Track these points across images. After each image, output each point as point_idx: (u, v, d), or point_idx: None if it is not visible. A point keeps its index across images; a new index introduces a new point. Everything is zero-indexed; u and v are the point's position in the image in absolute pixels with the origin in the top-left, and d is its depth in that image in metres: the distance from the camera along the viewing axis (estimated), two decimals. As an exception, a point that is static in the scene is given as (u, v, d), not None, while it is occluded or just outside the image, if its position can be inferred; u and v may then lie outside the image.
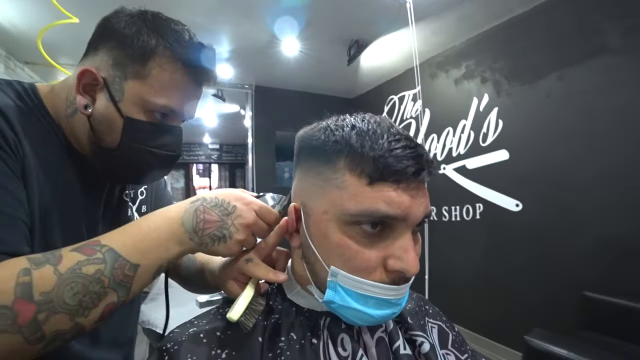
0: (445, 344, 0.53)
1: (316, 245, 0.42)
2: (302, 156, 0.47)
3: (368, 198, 0.38)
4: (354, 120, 0.43)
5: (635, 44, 1.61)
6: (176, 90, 0.53)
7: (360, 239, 0.40)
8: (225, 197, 0.48)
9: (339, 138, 0.41)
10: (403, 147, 0.39)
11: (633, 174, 1.64)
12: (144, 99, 0.51)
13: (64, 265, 0.38)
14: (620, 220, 1.68)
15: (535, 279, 2.03)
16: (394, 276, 0.40)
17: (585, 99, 1.80)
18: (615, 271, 1.69)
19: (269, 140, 3.47)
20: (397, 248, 0.39)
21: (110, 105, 0.51)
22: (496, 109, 2.27)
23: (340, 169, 0.40)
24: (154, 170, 0.58)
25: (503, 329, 2.06)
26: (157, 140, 0.54)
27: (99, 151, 0.54)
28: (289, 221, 0.46)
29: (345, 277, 0.40)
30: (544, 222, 1.98)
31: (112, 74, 0.51)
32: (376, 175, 0.38)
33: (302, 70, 2.94)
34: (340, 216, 0.39)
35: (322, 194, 0.41)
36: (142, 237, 0.43)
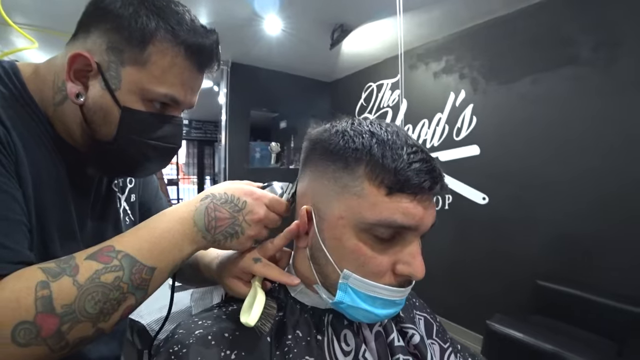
0: (430, 334, 0.58)
1: (329, 248, 0.44)
2: (315, 157, 0.47)
3: (387, 208, 0.40)
4: (372, 128, 0.44)
5: (603, 58, 1.74)
6: (178, 77, 0.49)
7: (373, 245, 0.42)
8: (234, 192, 0.48)
9: (359, 146, 0.42)
10: (420, 160, 0.41)
11: (587, 179, 1.80)
12: (143, 87, 0.47)
13: (82, 275, 0.38)
14: (571, 220, 1.86)
15: (496, 268, 2.20)
16: (402, 279, 0.44)
17: (555, 104, 1.92)
18: (564, 263, 1.88)
19: (243, 119, 3.39)
20: (407, 254, 0.42)
21: (106, 93, 0.46)
22: (472, 105, 2.36)
23: (359, 176, 0.41)
24: (153, 163, 0.55)
25: (467, 314, 2.24)
26: (156, 132, 0.51)
27: (93, 144, 0.50)
28: (301, 224, 0.47)
29: (357, 280, 0.42)
30: (507, 216, 2.13)
31: (107, 60, 0.46)
32: (395, 187, 0.40)
33: (283, 50, 2.86)
34: (357, 223, 0.41)
35: (338, 199, 0.43)
36: (156, 240, 0.43)
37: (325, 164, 0.45)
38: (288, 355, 0.43)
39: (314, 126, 0.52)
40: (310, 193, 0.47)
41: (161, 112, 0.51)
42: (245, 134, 3.41)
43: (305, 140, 0.51)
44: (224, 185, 0.50)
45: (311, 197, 0.47)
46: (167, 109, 0.51)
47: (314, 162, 0.47)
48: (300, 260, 0.51)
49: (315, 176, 0.46)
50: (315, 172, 0.46)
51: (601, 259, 1.75)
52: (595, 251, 1.77)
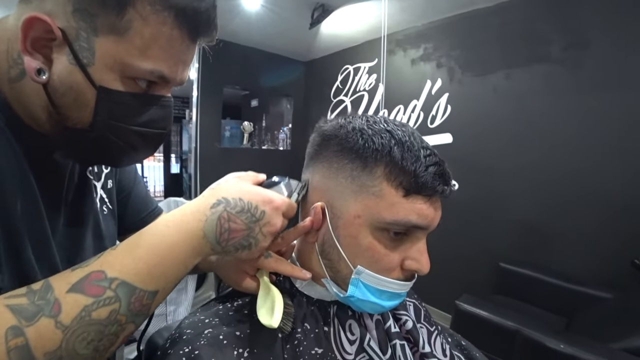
0: (419, 318, 0.61)
1: (343, 245, 0.45)
2: (328, 153, 0.47)
3: (403, 209, 0.42)
4: (389, 127, 0.45)
5: (572, 58, 1.85)
6: (166, 49, 0.39)
7: (387, 242, 0.44)
8: (251, 199, 0.42)
9: (379, 146, 0.43)
10: (435, 164, 0.43)
11: (547, 170, 1.95)
12: (124, 62, 0.37)
13: (66, 314, 0.31)
14: (532, 207, 2.01)
15: (464, 252, 2.34)
16: (408, 274, 0.47)
17: (525, 98, 2.03)
18: (523, 248, 2.04)
19: (216, 96, 3.25)
20: (415, 251, 0.45)
21: (76, 70, 0.37)
22: (447, 94, 2.42)
23: (378, 177, 0.43)
24: (139, 152, 0.45)
25: (437, 295, 2.37)
26: (142, 116, 0.42)
27: (64, 132, 0.40)
28: (315, 221, 0.47)
29: (370, 275, 0.45)
30: (474, 203, 2.26)
31: (74, 26, 0.36)
32: (412, 189, 0.42)
33: (261, 26, 2.75)
34: (374, 222, 0.43)
35: (355, 198, 0.44)
36: (158, 260, 0.37)
37: (342, 162, 0.45)
38: (299, 348, 0.45)
39: (324, 119, 0.52)
40: (324, 189, 0.47)
41: (146, 92, 0.42)
42: (217, 111, 3.28)
43: (315, 134, 0.51)
44: (235, 185, 0.44)
45: (325, 193, 0.47)
46: (154, 88, 0.42)
47: (328, 158, 0.47)
48: (307, 255, 0.52)
49: (330, 173, 0.46)
50: (330, 169, 0.47)
51: (554, 244, 1.92)
52: (552, 239, 1.94)
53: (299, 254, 0.54)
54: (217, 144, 3.30)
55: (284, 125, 3.96)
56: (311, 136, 0.52)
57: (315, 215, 0.47)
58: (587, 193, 1.80)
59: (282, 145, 3.90)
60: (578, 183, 1.83)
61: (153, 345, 0.56)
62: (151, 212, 0.68)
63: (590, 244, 1.80)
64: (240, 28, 2.81)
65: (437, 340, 0.59)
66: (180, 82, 0.44)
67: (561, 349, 1.16)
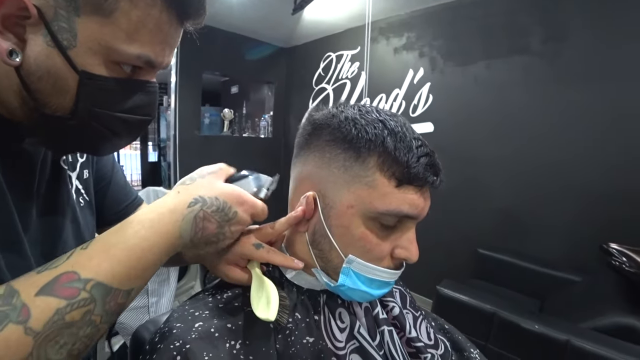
0: (405, 304, 0.63)
1: (335, 235, 0.46)
2: (320, 142, 0.47)
3: (396, 199, 0.43)
4: (382, 117, 0.45)
5: (550, 50, 1.89)
6: (154, 33, 0.37)
7: (378, 232, 0.45)
8: (227, 199, 0.43)
9: (372, 137, 0.43)
10: (426, 155, 0.44)
11: (524, 159, 2.02)
12: (109, 45, 0.35)
13: (36, 319, 0.29)
14: (510, 195, 2.09)
15: (444, 238, 2.40)
16: (398, 262, 0.48)
17: (505, 89, 2.07)
18: (500, 234, 2.11)
19: (195, 83, 3.16)
20: (405, 240, 0.46)
21: (55, 53, 0.33)
22: (429, 83, 2.44)
23: (371, 167, 0.43)
24: (122, 139, 0.43)
25: (419, 281, 2.43)
26: (127, 102, 0.40)
27: (41, 119, 0.37)
28: (307, 211, 0.47)
29: (361, 264, 0.45)
30: (454, 191, 2.31)
31: (52, 4, 0.32)
32: (405, 179, 0.43)
33: (242, 10, 2.67)
34: (366, 212, 0.44)
35: (348, 188, 0.44)
36: (135, 261, 0.36)
37: (335, 152, 0.45)
38: (290, 338, 0.45)
39: (315, 108, 0.51)
40: (315, 179, 0.47)
41: (131, 77, 0.39)
42: (196, 98, 3.19)
43: (305, 122, 0.50)
44: (210, 183, 0.44)
45: (316, 183, 0.47)
46: (139, 73, 0.40)
47: (320, 148, 0.47)
48: (297, 245, 0.51)
49: (322, 163, 0.46)
50: (322, 159, 0.46)
51: (530, 231, 2.01)
52: (528, 226, 2.02)
53: (288, 243, 0.54)
54: (197, 131, 3.21)
55: (265, 112, 3.90)
56: (301, 124, 0.51)
57: (307, 205, 0.47)
58: (562, 183, 1.88)
59: (264, 133, 3.85)
60: (554, 173, 1.91)
61: (140, 339, 0.55)
62: (131, 203, 0.65)
63: (563, 231, 1.89)
64: (222, 12, 2.72)
65: (422, 325, 0.61)
66: (166, 66, 0.42)
67: (535, 329, 1.22)
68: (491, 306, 1.37)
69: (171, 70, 3.01)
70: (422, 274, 2.46)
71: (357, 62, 2.95)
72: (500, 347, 1.33)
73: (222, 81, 4.65)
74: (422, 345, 0.54)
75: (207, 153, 3.22)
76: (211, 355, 0.39)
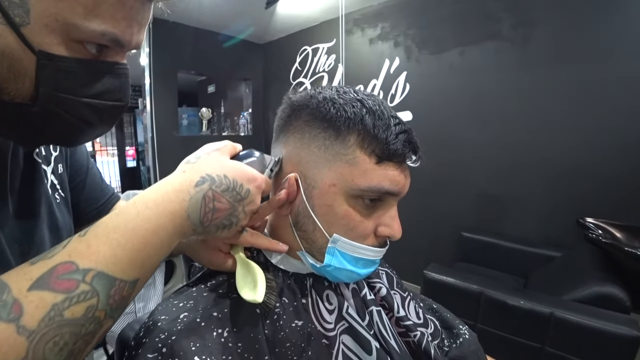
0: (392, 285, 0.64)
1: (318, 215, 0.46)
2: (299, 123, 0.47)
3: (376, 176, 0.43)
4: (359, 96, 0.46)
5: (520, 35, 1.94)
6: (118, 7, 0.33)
7: (361, 210, 0.45)
8: (236, 177, 0.40)
9: (351, 115, 0.44)
10: (404, 132, 0.45)
11: (500, 141, 2.07)
12: (67, 21, 0.31)
13: (30, 316, 0.26)
14: (489, 178, 2.14)
15: (428, 224, 2.44)
16: (382, 240, 0.48)
17: (478, 74, 2.11)
18: (483, 216, 2.16)
19: (170, 83, 3.08)
20: (388, 217, 0.47)
21: (7, 31, 0.29)
22: (405, 72, 2.46)
23: (351, 145, 0.43)
24: (95, 128, 0.39)
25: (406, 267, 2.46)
26: (94, 86, 0.36)
27: (1, 107, 0.33)
28: (289, 192, 0.47)
29: (346, 243, 0.45)
30: (435, 177, 2.35)
31: None
32: (384, 156, 0.43)
33: (213, 6, 2.62)
34: (349, 190, 0.44)
35: (329, 167, 0.44)
36: (140, 246, 0.33)
37: (315, 131, 0.45)
38: (278, 323, 0.44)
39: (293, 91, 0.51)
40: (296, 160, 0.47)
41: (97, 58, 0.35)
42: (172, 98, 3.11)
43: (284, 105, 0.50)
44: (217, 160, 0.41)
45: (297, 164, 0.46)
46: (106, 53, 0.36)
47: (299, 129, 0.46)
48: (281, 228, 0.51)
49: (302, 143, 0.46)
50: (302, 139, 0.46)
51: (510, 211, 2.06)
52: (508, 206, 2.07)
53: (271, 228, 0.54)
54: (175, 132, 3.15)
55: (243, 110, 3.86)
56: (279, 109, 0.51)
57: (289, 187, 0.46)
58: (536, 162, 1.94)
59: (243, 131, 3.80)
60: (528, 153, 1.97)
61: (125, 339, 0.53)
62: (109, 199, 0.62)
63: (541, 209, 1.95)
64: (192, 8, 2.66)
65: (410, 305, 0.61)
66: (136, 46, 0.38)
67: (521, 304, 1.26)
68: (478, 286, 1.40)
69: (144, 71, 2.93)
70: (409, 261, 2.50)
71: (333, 54, 2.94)
72: (489, 325, 1.37)
73: (198, 81, 4.57)
74: (412, 323, 0.55)
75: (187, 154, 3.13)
76: (198, 345, 0.38)
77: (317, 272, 0.49)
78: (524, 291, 1.47)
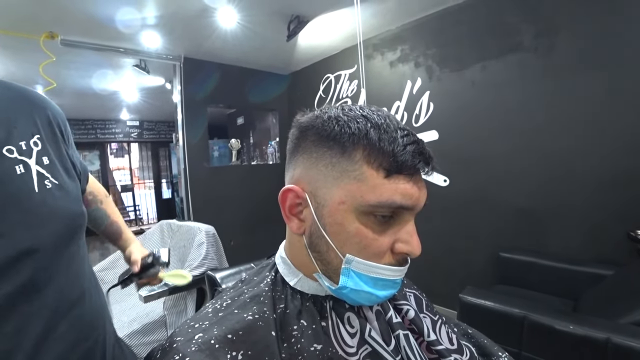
0: (421, 308, 0.60)
1: (330, 234, 0.44)
2: (307, 144, 0.47)
3: (386, 190, 0.42)
4: (364, 112, 0.45)
5: (542, 44, 1.89)
6: None
7: (374, 227, 0.43)
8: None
9: (355, 130, 0.43)
10: (413, 142, 0.43)
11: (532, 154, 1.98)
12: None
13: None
14: (523, 193, 2.02)
15: (462, 245, 2.33)
16: (400, 258, 0.45)
17: (502, 88, 2.07)
18: (522, 235, 2.04)
19: (200, 117, 3.25)
20: (404, 233, 0.44)
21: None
22: (428, 92, 2.45)
23: (357, 161, 0.42)
24: None
25: (440, 291, 2.35)
26: None
27: None
28: (284, 201, 0.48)
29: (360, 263, 0.43)
30: (467, 196, 2.27)
31: None
32: (393, 169, 0.42)
33: (237, 43, 2.77)
34: (359, 207, 0.42)
35: (338, 184, 0.43)
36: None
37: (321, 150, 0.45)
38: (296, 346, 0.43)
39: (301, 113, 0.51)
40: (305, 180, 0.47)
41: None
42: (203, 131, 3.28)
43: (293, 128, 0.51)
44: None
45: (307, 183, 0.46)
46: None
47: (307, 149, 0.47)
48: (297, 249, 0.50)
49: (310, 163, 0.46)
50: (310, 159, 0.46)
51: (550, 227, 1.93)
52: (548, 222, 1.94)
53: (289, 248, 0.53)
54: (206, 163, 3.28)
55: (271, 139, 3.97)
56: (289, 132, 0.52)
57: (289, 201, 0.48)
58: (571, 173, 1.83)
59: (272, 160, 3.90)
60: (562, 164, 1.86)
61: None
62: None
63: (583, 223, 1.81)
64: (217, 46, 2.83)
65: (442, 329, 0.58)
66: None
67: (570, 329, 1.15)
68: (519, 310, 1.30)
69: (176, 107, 3.11)
70: (443, 284, 2.38)
71: (355, 80, 3.00)
72: (535, 353, 1.25)
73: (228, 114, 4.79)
74: (444, 349, 0.51)
75: (217, 183, 3.27)
76: None
77: (335, 295, 0.48)
78: (573, 315, 1.34)
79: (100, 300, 0.66)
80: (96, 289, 0.66)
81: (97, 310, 0.63)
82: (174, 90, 3.14)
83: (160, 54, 2.92)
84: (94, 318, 0.61)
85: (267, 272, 0.54)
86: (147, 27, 2.43)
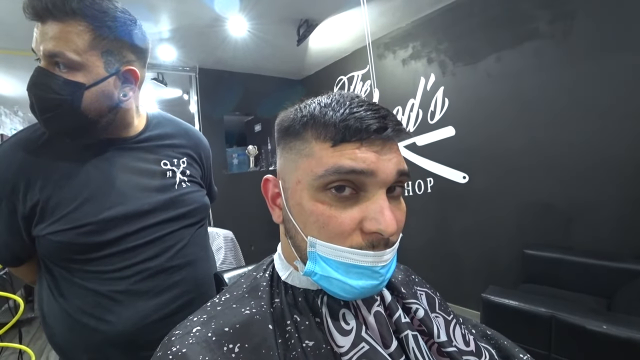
0: (433, 308, 0.57)
1: (294, 216, 0.44)
2: (279, 137, 0.49)
3: (332, 157, 0.40)
4: (320, 98, 0.46)
5: (559, 30, 1.81)
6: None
7: (333, 203, 0.41)
8: None
9: (305, 113, 0.44)
10: (365, 109, 0.41)
11: (553, 144, 1.88)
12: None
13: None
14: (549, 188, 1.92)
15: (484, 243, 2.25)
16: (372, 239, 0.40)
17: (519, 77, 1.99)
18: (547, 231, 1.94)
19: (217, 126, 3.32)
20: (372, 209, 0.40)
21: None
22: (442, 88, 2.40)
23: (307, 139, 0.43)
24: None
25: (461, 291, 2.28)
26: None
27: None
28: (266, 192, 0.50)
29: (323, 245, 0.41)
30: (487, 191, 2.19)
31: None
32: (338, 137, 0.40)
33: (249, 51, 2.82)
34: (312, 182, 0.41)
35: (295, 166, 0.44)
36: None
37: (286, 140, 0.47)
38: (290, 342, 0.42)
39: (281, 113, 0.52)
40: (280, 170, 0.48)
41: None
42: (220, 139, 3.36)
43: (274, 127, 0.52)
44: None
45: (280, 173, 0.48)
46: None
47: (279, 142, 0.49)
48: (282, 239, 0.51)
49: (280, 154, 0.48)
50: (281, 151, 0.48)
51: (577, 221, 1.82)
52: (575, 216, 1.84)
53: (281, 242, 0.53)
54: (225, 170, 3.34)
55: (288, 144, 3.99)
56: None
57: (270, 190, 0.50)
58: (599, 161, 1.72)
59: (289, 164, 3.91)
60: (588, 152, 1.76)
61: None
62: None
63: (614, 215, 1.69)
64: (229, 55, 2.89)
65: (456, 330, 0.55)
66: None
67: (604, 329, 1.07)
68: (547, 309, 1.23)
69: (194, 117, 3.19)
70: (464, 284, 2.29)
71: (368, 80, 2.98)
72: (565, 355, 1.18)
73: (246, 122, 4.86)
74: (455, 351, 0.48)
75: (236, 190, 3.32)
76: (207, 359, 0.38)
77: (318, 284, 0.44)
78: (607, 314, 1.26)
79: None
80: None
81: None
82: (191, 100, 3.22)
83: (176, 66, 3.01)
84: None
85: (265, 267, 0.54)
86: (163, 40, 2.51)
